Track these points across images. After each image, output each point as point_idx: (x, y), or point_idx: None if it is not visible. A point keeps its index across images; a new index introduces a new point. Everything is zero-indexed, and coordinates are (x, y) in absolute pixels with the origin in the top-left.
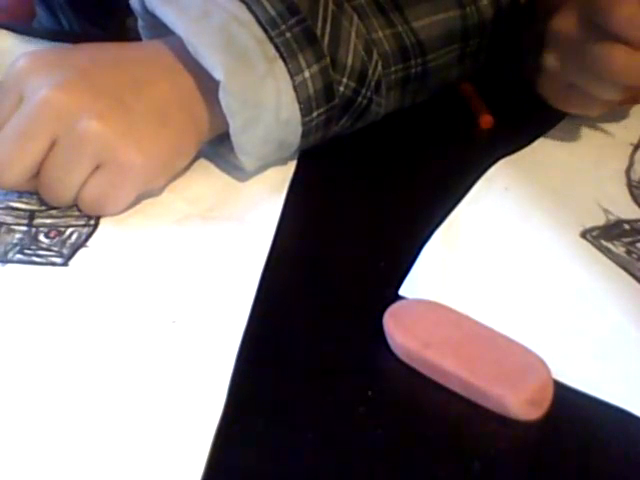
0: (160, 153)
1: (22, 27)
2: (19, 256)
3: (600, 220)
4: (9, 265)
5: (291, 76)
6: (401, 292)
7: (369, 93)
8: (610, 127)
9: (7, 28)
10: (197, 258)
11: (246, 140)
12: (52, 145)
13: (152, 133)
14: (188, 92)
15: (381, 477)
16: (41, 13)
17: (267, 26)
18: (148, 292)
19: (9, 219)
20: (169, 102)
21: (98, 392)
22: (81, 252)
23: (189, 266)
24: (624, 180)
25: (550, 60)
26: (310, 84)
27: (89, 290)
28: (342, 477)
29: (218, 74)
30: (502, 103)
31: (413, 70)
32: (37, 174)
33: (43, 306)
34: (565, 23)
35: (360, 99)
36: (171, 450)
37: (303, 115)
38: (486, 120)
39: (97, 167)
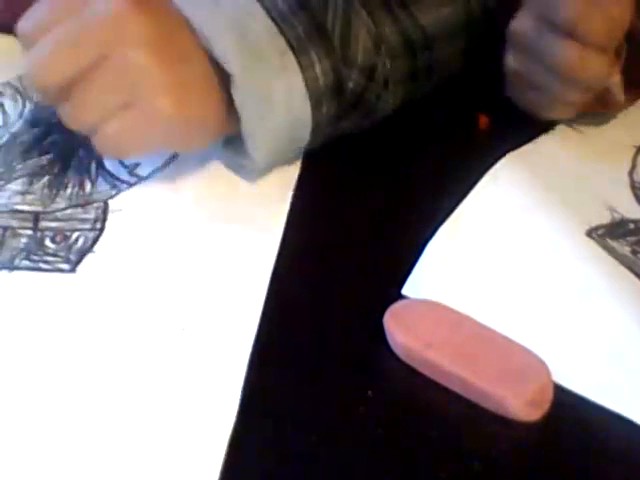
0: (192, 117)
1: None
2: (26, 262)
3: (605, 218)
4: (16, 272)
5: (302, 70)
6: (404, 291)
7: (378, 88)
8: (613, 129)
9: (6, 28)
10: (205, 262)
11: (258, 135)
12: (97, 63)
13: (194, 97)
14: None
15: (381, 477)
16: None
17: (278, 19)
18: (156, 299)
19: (14, 222)
20: (214, 77)
21: (114, 400)
22: (88, 258)
23: (197, 270)
24: (627, 181)
25: (510, 61)
26: (321, 78)
27: (97, 297)
28: (342, 477)
29: (231, 68)
30: (502, 103)
31: (420, 64)
32: (67, 93)
33: (52, 314)
34: (523, 23)
35: (369, 94)
36: (188, 454)
37: (313, 109)
38: (482, 121)
39: (126, 107)
